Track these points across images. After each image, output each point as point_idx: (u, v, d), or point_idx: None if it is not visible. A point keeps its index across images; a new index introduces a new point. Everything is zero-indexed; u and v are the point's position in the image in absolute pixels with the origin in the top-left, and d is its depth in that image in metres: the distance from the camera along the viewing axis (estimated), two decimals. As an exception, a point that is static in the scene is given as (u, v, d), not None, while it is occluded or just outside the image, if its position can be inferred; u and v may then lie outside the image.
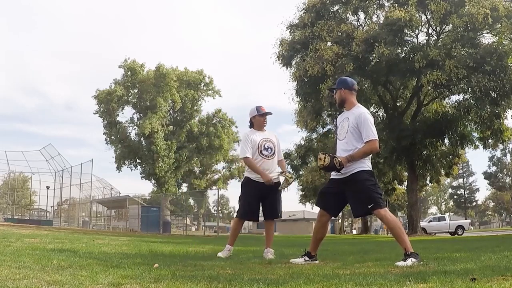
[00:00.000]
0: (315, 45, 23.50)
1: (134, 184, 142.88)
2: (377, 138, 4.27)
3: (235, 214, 5.56)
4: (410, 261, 3.82)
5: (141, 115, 41.03)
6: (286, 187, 5.36)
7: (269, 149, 5.30)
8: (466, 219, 46.17)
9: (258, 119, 5.39)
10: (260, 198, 5.24)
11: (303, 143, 33.37)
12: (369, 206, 4.11)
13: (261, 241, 15.13)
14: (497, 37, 22.41)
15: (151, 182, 43.92)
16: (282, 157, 5.55)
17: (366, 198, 4.13)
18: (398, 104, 27.60)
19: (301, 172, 36.34)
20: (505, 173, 69.11)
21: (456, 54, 21.50)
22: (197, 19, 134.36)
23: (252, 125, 5.47)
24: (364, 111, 4.37)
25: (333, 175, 4.35)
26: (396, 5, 22.88)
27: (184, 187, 49.45)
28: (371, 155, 4.38)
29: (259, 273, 3.34)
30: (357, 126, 4.24)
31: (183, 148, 41.97)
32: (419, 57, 21.59)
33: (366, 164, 4.25)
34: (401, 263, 3.78)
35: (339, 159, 4.09)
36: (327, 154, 4.14)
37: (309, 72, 22.85)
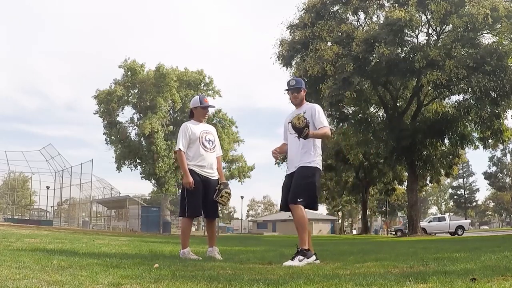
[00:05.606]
0: (315, 45, 23.51)
1: (134, 184, 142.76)
2: (329, 127, 4.59)
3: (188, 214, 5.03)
4: (297, 259, 4.11)
5: (141, 115, 41.03)
6: (223, 205, 5.12)
7: (210, 142, 5.12)
8: (466, 219, 46.14)
9: (200, 111, 5.18)
10: (203, 192, 4.96)
11: (303, 143, 33.34)
12: (299, 200, 4.27)
13: (261, 241, 15.13)
14: (497, 37, 22.41)
15: (151, 182, 43.96)
16: (220, 152, 5.32)
17: (302, 191, 4.30)
18: (398, 104, 27.60)
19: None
20: (505, 173, 69.12)
21: (456, 54, 21.50)
22: (197, 19, 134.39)
23: (192, 116, 5.25)
24: (315, 104, 4.72)
25: (288, 171, 4.56)
26: (396, 5, 22.88)
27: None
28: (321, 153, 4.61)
29: (259, 273, 3.34)
30: (311, 117, 4.44)
31: (183, 148, 41.95)
32: (419, 57, 21.59)
33: (318, 162, 4.45)
34: (288, 263, 4.03)
35: (310, 130, 4.25)
36: (305, 119, 4.26)
37: (309, 72, 22.86)
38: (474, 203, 77.46)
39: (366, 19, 26.25)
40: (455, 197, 78.81)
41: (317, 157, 4.45)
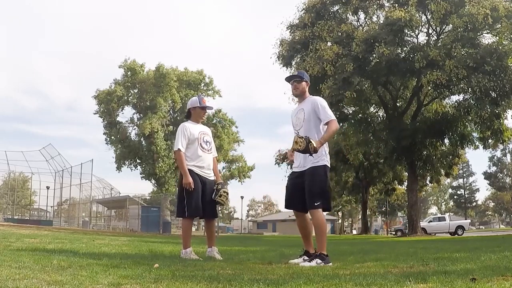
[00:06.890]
0: (315, 45, 23.52)
1: (134, 184, 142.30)
2: (335, 118, 4.42)
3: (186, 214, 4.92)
4: (315, 262, 4.09)
5: (141, 115, 41.05)
6: (222, 204, 5.08)
7: (208, 143, 5.13)
8: (466, 219, 46.14)
9: (199, 111, 5.18)
10: (202, 192, 4.95)
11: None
12: (316, 204, 4.22)
13: (261, 241, 15.14)
14: (497, 37, 22.42)
15: (151, 182, 43.99)
16: (216, 153, 5.31)
17: (316, 194, 4.24)
18: (398, 104, 27.60)
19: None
20: (505, 173, 69.08)
21: (456, 54, 21.51)
22: (198, 19, 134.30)
23: (189, 116, 5.24)
24: (318, 97, 4.60)
25: (295, 167, 4.50)
26: (396, 5, 22.90)
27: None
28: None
29: (259, 273, 3.34)
30: (314, 111, 4.37)
31: (183, 148, 42.00)
32: (419, 57, 21.60)
33: (326, 160, 4.38)
34: (306, 263, 4.06)
35: (314, 144, 4.12)
36: (303, 138, 4.15)
37: (309, 72, 22.82)
38: (474, 203, 77.41)
39: (366, 19, 26.26)
40: (455, 197, 78.76)
41: (326, 155, 4.40)
